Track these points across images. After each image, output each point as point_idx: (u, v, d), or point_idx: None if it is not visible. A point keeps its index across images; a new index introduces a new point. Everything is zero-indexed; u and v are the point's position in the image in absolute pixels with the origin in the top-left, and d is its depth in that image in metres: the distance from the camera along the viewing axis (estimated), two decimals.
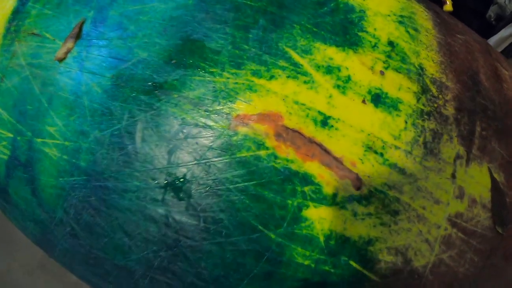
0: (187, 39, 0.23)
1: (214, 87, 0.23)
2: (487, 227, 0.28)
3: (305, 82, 0.24)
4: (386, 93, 0.26)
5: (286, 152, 0.24)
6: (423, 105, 0.27)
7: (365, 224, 0.25)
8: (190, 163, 0.22)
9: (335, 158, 0.24)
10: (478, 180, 0.28)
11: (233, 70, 0.23)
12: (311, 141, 0.24)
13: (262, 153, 0.24)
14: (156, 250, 0.23)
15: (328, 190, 0.24)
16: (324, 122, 0.24)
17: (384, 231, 0.25)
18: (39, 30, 0.25)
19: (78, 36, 0.24)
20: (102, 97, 0.22)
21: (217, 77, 0.23)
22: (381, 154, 0.25)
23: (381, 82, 0.26)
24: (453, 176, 0.27)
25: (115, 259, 0.24)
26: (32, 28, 0.25)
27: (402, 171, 0.26)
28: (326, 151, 0.24)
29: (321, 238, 0.24)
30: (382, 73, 0.26)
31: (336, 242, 0.25)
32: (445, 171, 0.27)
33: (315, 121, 0.24)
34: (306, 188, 0.24)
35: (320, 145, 0.24)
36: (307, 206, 0.24)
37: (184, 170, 0.22)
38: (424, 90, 0.27)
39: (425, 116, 0.27)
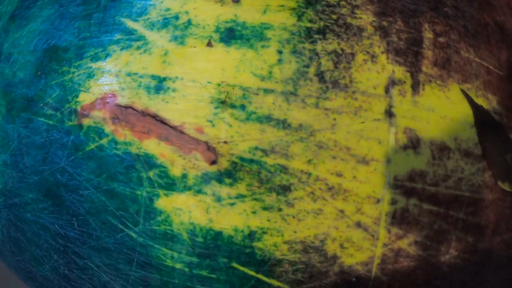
0: (48, 47, 0.24)
1: (64, 86, 0.22)
2: (481, 186, 0.15)
3: (138, 48, 0.20)
4: (244, 23, 0.18)
5: (124, 135, 0.20)
6: (311, 21, 0.18)
7: (238, 211, 0.18)
8: (57, 168, 0.22)
9: (174, 128, 0.18)
10: (444, 112, 0.16)
11: (77, 63, 0.22)
12: (144, 114, 0.19)
13: (104, 141, 0.20)
14: (57, 259, 0.23)
15: (175, 171, 0.18)
16: (159, 87, 0.19)
17: (273, 219, 0.17)
18: None
19: None
20: (1, 124, 0.25)
21: (66, 75, 0.22)
22: (242, 107, 0.18)
23: (235, 12, 0.19)
24: (389, 113, 0.16)
25: (39, 271, 0.25)
26: None
27: (282, 123, 0.17)
28: (162, 122, 0.19)
29: (185, 235, 0.19)
30: (235, 0, 0.19)
31: (205, 239, 0.18)
32: (370, 109, 0.16)
33: (148, 89, 0.19)
34: (151, 173, 0.19)
35: (154, 116, 0.19)
36: (158, 196, 0.19)
37: (54, 176, 0.22)
38: (310, 1, 0.18)
39: (316, 36, 0.17)
